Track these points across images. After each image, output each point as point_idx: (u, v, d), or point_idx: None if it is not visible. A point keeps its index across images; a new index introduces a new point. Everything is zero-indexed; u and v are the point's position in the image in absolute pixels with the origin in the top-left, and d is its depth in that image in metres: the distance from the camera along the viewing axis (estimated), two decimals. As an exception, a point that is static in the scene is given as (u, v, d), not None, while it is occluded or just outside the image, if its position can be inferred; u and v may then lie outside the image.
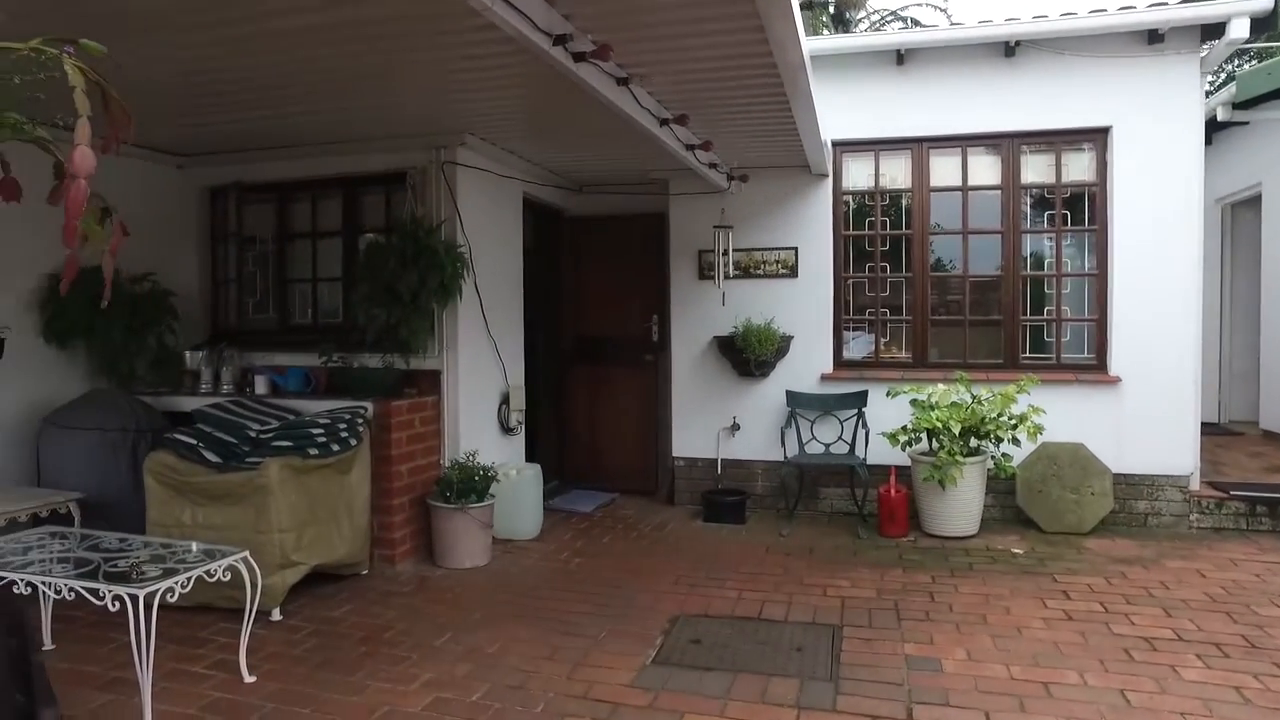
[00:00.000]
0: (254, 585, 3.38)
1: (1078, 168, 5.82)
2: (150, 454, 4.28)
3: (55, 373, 5.06)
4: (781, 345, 5.99)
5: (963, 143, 5.90)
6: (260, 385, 5.15)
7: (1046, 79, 5.66)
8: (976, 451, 5.39)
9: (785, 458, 5.90)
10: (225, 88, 4.18)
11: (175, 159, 5.79)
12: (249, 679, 3.37)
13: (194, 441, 4.30)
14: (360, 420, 4.62)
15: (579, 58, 3.19)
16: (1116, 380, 5.58)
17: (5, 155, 1.51)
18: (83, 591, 3.01)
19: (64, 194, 1.33)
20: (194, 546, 3.44)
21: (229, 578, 3.30)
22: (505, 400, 5.81)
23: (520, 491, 5.44)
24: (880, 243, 6.11)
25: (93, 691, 3.31)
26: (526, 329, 6.31)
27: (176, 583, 3.05)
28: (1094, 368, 5.75)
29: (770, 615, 4.06)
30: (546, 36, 2.96)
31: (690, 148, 4.86)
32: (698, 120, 4.52)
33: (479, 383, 5.50)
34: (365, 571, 4.73)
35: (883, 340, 6.14)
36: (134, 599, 2.90)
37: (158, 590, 2.97)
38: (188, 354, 5.43)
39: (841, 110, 5.86)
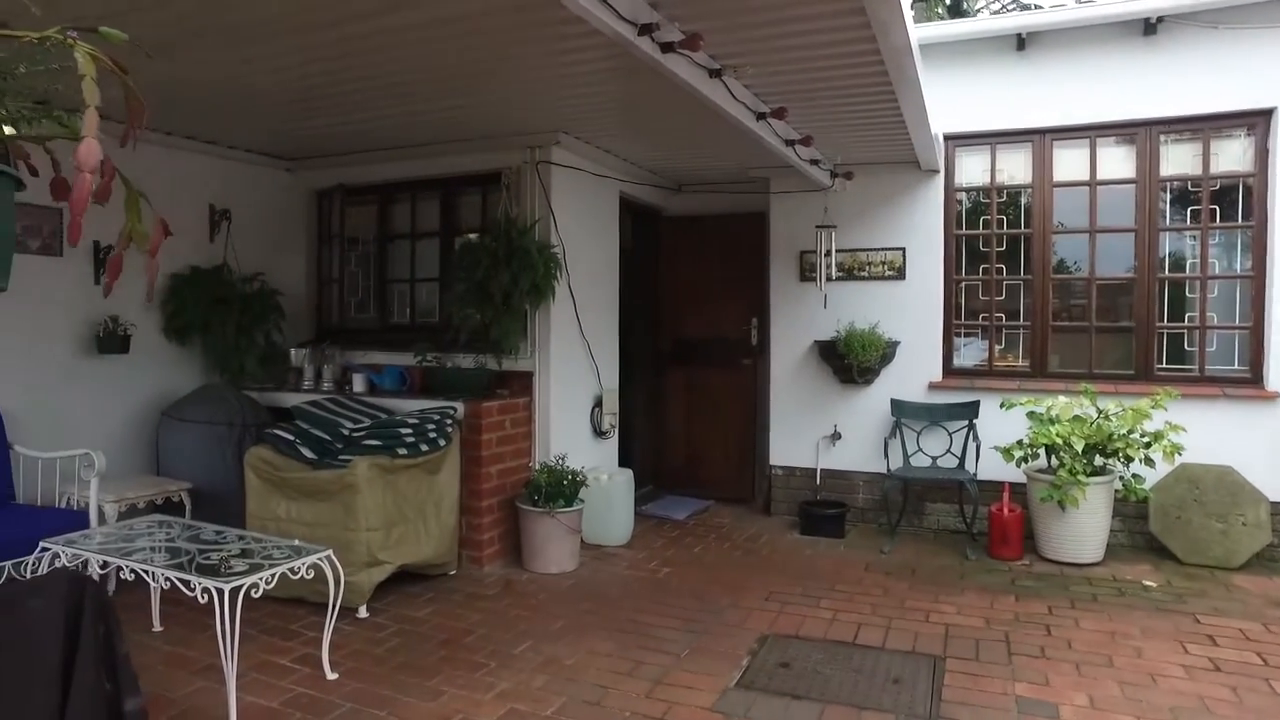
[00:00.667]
0: (337, 584, 3.39)
1: (1229, 157, 5.22)
2: (251, 448, 4.40)
3: (175, 368, 5.32)
4: (886, 351, 5.66)
5: (1091, 133, 5.41)
6: (358, 383, 5.25)
7: (1194, 58, 5.10)
8: (1102, 471, 4.92)
9: (888, 470, 5.57)
10: (325, 92, 4.25)
11: (285, 163, 6.00)
12: (331, 676, 3.39)
13: (291, 438, 4.40)
14: (449, 421, 4.62)
15: (667, 48, 3.05)
16: (1275, 396, 4.97)
17: (55, 152, 1.47)
18: (176, 582, 3.10)
19: (70, 189, 1.27)
20: (282, 542, 3.49)
21: (312, 575, 3.32)
22: (598, 403, 5.73)
23: (611, 497, 5.34)
24: (996, 243, 5.68)
25: (189, 676, 3.40)
26: (623, 331, 6.22)
27: (261, 578, 3.08)
28: (1247, 381, 5.13)
29: (866, 640, 3.80)
30: (631, 26, 2.83)
31: (789, 143, 4.63)
32: (797, 113, 4.29)
33: (571, 385, 5.44)
34: (453, 572, 4.73)
35: (997, 347, 5.71)
36: (220, 593, 2.95)
37: (242, 586, 3.01)
38: (293, 351, 5.61)
39: (954, 102, 5.47)
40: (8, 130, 1.22)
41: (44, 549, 3.42)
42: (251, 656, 3.59)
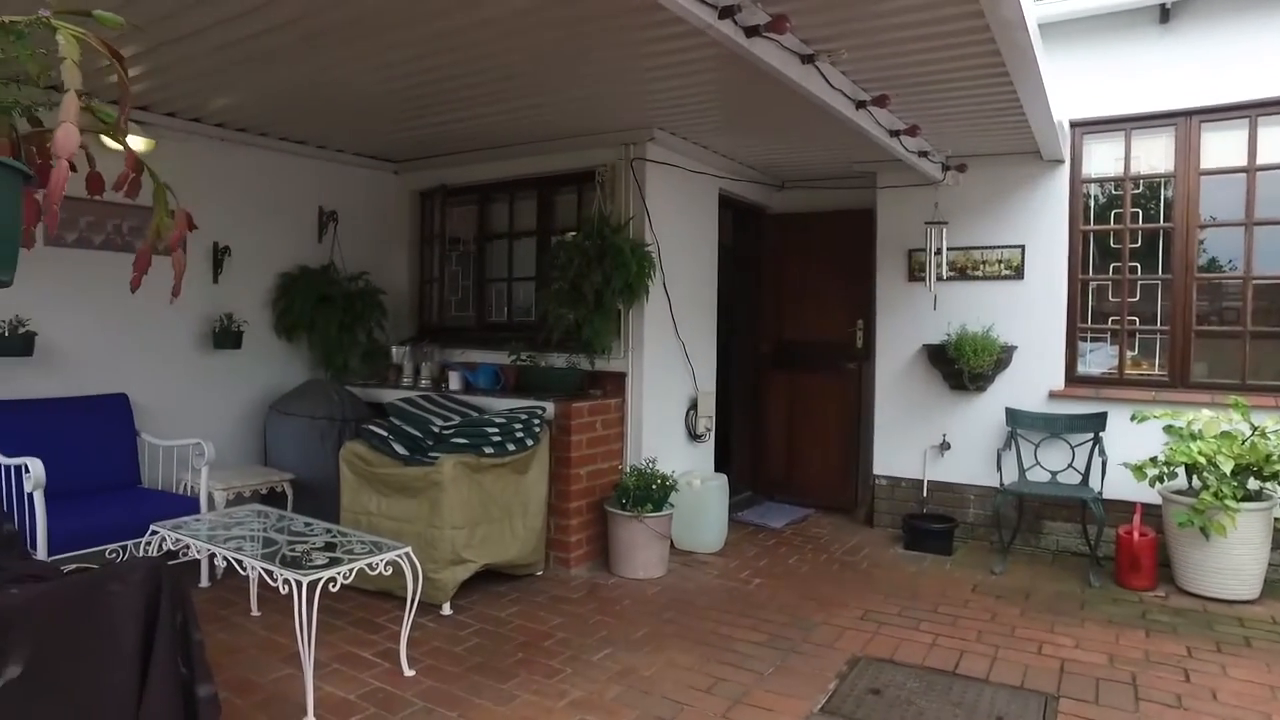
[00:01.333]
0: (415, 581, 3.39)
1: None
2: (346, 443, 4.51)
3: (285, 363, 5.55)
4: (1001, 356, 5.25)
5: (1251, 112, 4.80)
6: (454, 381, 5.32)
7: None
8: (1257, 496, 4.37)
9: (1002, 484, 5.17)
10: (423, 91, 4.28)
11: (391, 165, 6.17)
12: (408, 672, 3.39)
13: (385, 434, 4.48)
14: (537, 421, 4.59)
15: (751, 32, 2.88)
16: None
17: (89, 147, 1.46)
18: (261, 571, 3.18)
19: (45, 177, 1.24)
20: (365, 538, 3.53)
21: (390, 571, 3.34)
22: (693, 405, 5.59)
23: (703, 502, 5.19)
24: (1130, 238, 5.15)
25: (277, 662, 3.48)
26: (721, 332, 6.06)
27: (339, 573, 3.11)
28: None
29: (969, 670, 3.49)
30: (711, 9, 2.68)
31: (894, 134, 4.34)
32: (900, 101, 4.02)
33: (665, 386, 5.32)
34: (539, 573, 4.70)
35: (1129, 354, 5.18)
36: (299, 584, 2.99)
37: (320, 579, 3.05)
38: (394, 349, 5.74)
39: (1082, 85, 5.02)
40: (21, 124, 1.20)
41: (153, 531, 3.60)
42: (336, 647, 3.66)
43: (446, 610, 4.08)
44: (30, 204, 1.38)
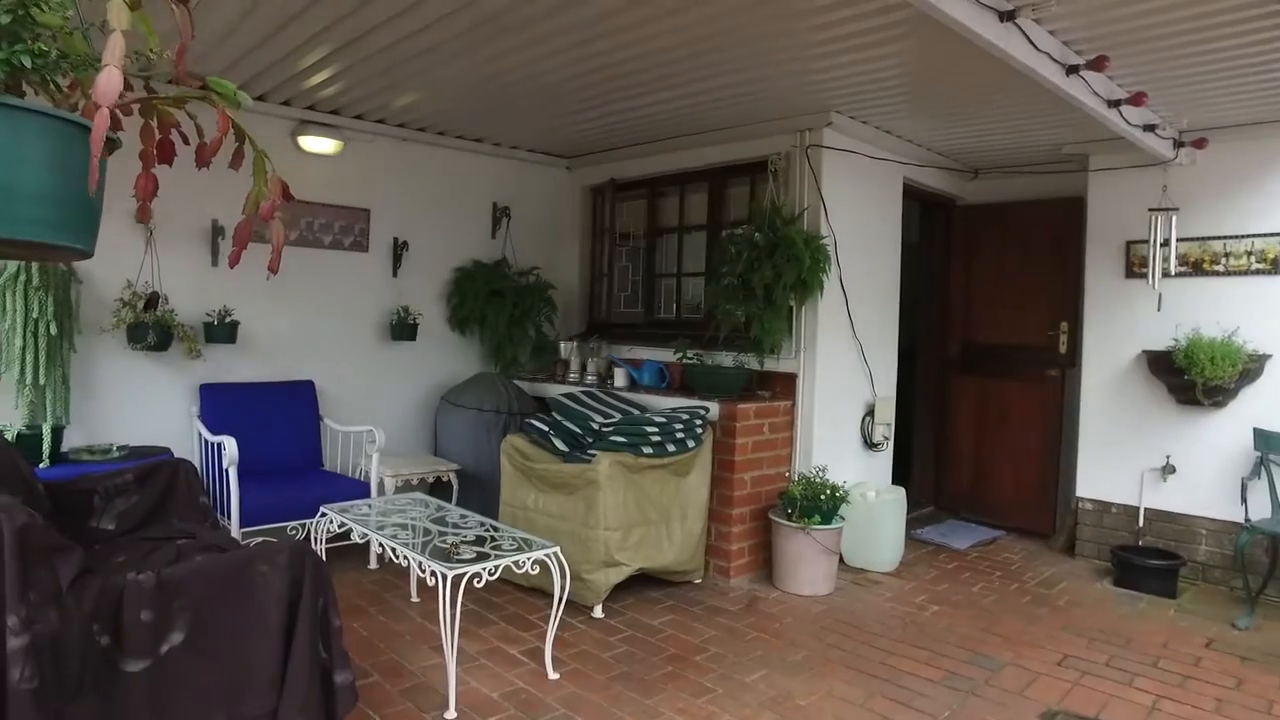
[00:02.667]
0: (562, 583, 3.29)
1: None
2: (507, 436, 4.51)
3: (458, 356, 5.70)
4: (1248, 366, 4.42)
5: None
6: (619, 378, 5.22)
7: None
8: None
9: (1247, 519, 4.34)
10: (588, 80, 4.20)
11: (564, 160, 6.19)
12: (552, 675, 3.30)
13: (546, 429, 4.44)
14: (699, 421, 4.38)
15: (939, -15, 2.51)
16: None
17: (198, 117, 1.40)
18: (410, 560, 3.20)
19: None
20: (516, 534, 3.47)
21: (537, 570, 3.25)
22: (870, 412, 5.16)
23: (877, 516, 4.77)
24: None
25: (429, 651, 3.51)
26: (905, 332, 5.59)
27: (484, 569, 3.06)
28: None
29: (1199, 743, 2.91)
30: (890, -41, 2.35)
31: (1113, 104, 3.73)
32: (1122, 62, 3.44)
33: (839, 390, 4.95)
34: (698, 581, 4.49)
35: None
36: (443, 577, 2.97)
37: (465, 574, 3.01)
38: (562, 344, 5.75)
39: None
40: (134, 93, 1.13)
41: (322, 513, 3.75)
42: (487, 641, 3.64)
43: (598, 613, 3.97)
44: (148, 178, 1.32)
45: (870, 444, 5.17)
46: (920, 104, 4.46)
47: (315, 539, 3.73)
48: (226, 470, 4.01)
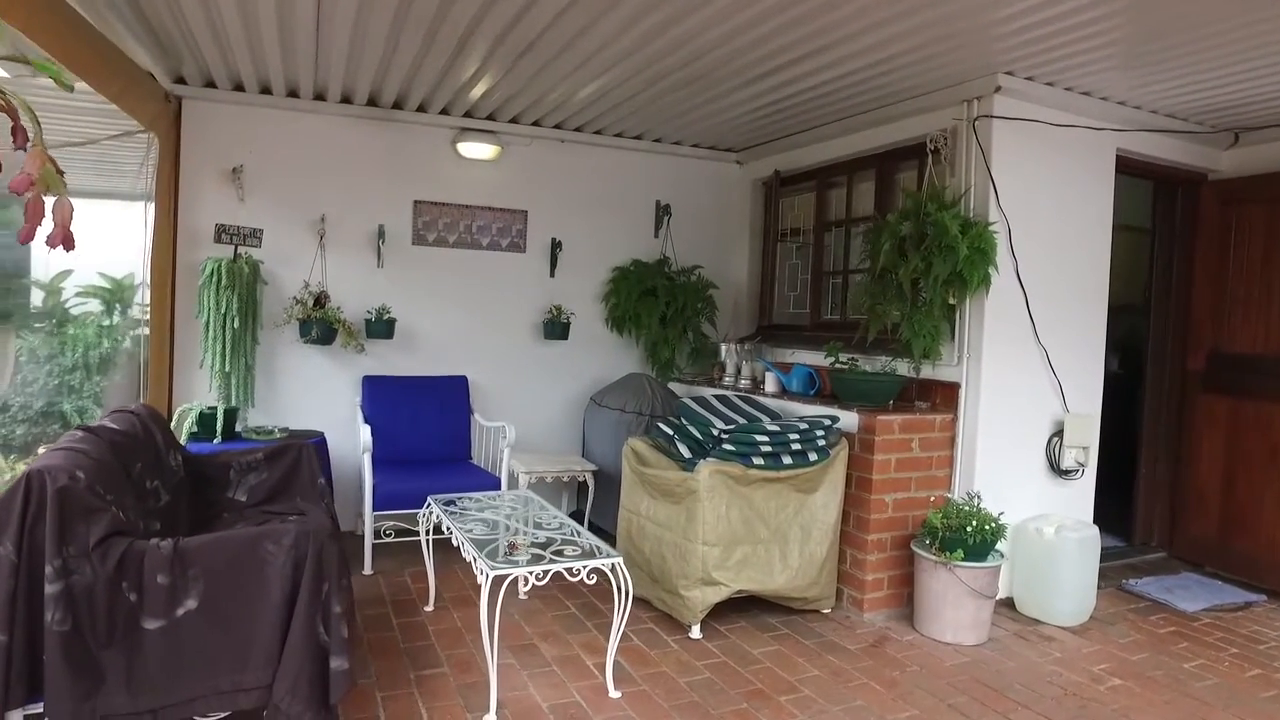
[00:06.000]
0: (623, 598, 3.07)
1: None
2: (629, 439, 4.36)
3: (616, 356, 5.66)
4: None
5: None
6: (770, 383, 4.85)
7: None
8: None
9: None
10: (731, 58, 3.90)
11: (733, 155, 5.92)
12: (613, 693, 3.10)
13: (671, 433, 4.24)
14: (821, 432, 3.91)
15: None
16: None
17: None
18: (467, 554, 3.17)
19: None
20: (588, 541, 3.32)
21: (595, 580, 3.07)
22: (1059, 431, 4.31)
23: (1057, 557, 3.97)
24: None
25: (508, 651, 3.45)
26: (1125, 339, 4.62)
27: (532, 573, 2.95)
28: None
29: None
30: None
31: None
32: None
33: (1015, 404, 4.18)
34: (826, 611, 4.03)
35: None
36: (486, 576, 2.90)
37: (508, 575, 2.92)
38: (723, 346, 5.48)
39: None
40: None
41: (429, 503, 3.87)
42: (569, 647, 3.53)
43: (695, 633, 3.69)
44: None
45: (1059, 470, 4.31)
46: (1139, 47, 3.51)
47: (422, 527, 3.87)
48: (362, 456, 4.30)
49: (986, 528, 3.68)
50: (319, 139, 4.85)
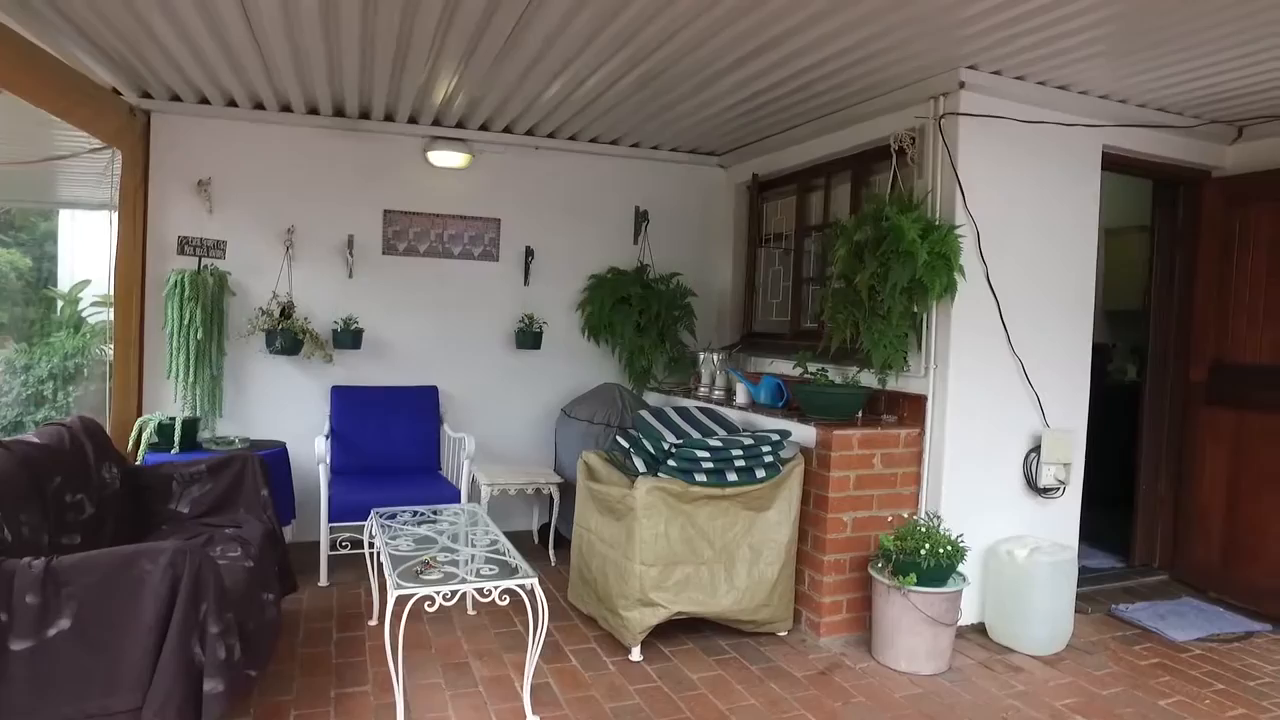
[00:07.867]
0: (537, 621, 2.95)
1: None
2: (584, 452, 4.25)
3: (591, 366, 5.55)
4: None
5: None
6: (740, 394, 4.70)
7: None
8: None
9: None
10: (695, 53, 3.76)
11: (714, 158, 5.76)
12: (530, 717, 2.99)
13: (628, 446, 4.11)
14: (768, 448, 3.74)
15: None
16: None
17: None
18: (386, 572, 3.10)
19: None
20: (514, 559, 3.20)
21: (507, 601, 2.97)
22: (1037, 447, 4.06)
23: (1029, 582, 3.73)
24: None
25: (440, 670, 3.37)
26: (1121, 348, 4.36)
27: (439, 593, 2.86)
28: None
29: None
30: None
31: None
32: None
33: (987, 417, 3.95)
34: (783, 634, 3.85)
35: None
36: (391, 596, 2.82)
37: (412, 595, 2.83)
38: (701, 355, 5.33)
39: None
40: None
41: (375, 515, 3.81)
42: (500, 666, 3.43)
43: (635, 655, 3.55)
44: None
45: (1036, 488, 4.05)
46: (1120, 36, 3.26)
47: (366, 540, 3.81)
48: (318, 467, 4.27)
49: (941, 550, 3.46)
50: (287, 150, 4.86)
